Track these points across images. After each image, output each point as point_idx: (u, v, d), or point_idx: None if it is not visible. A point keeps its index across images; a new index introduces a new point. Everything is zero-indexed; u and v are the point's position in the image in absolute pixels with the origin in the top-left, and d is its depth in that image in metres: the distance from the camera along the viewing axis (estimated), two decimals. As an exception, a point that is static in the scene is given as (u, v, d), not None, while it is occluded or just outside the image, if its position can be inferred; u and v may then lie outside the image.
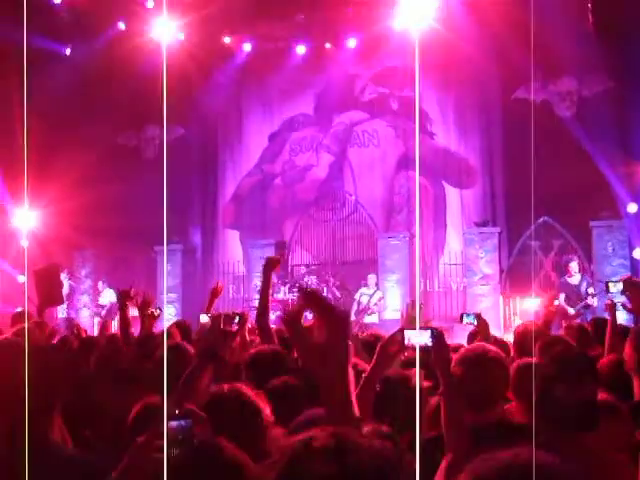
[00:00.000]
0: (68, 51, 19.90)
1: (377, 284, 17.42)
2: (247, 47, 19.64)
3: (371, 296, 16.99)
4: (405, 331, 3.49)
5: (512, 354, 5.94)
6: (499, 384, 4.00)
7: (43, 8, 18.14)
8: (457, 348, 5.13)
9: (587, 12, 15.42)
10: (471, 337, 6.76)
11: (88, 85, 18.71)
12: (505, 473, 1.60)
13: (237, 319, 7.41)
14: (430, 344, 3.67)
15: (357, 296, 17.11)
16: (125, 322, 7.00)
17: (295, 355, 5.34)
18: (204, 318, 7.85)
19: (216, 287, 7.51)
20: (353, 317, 16.38)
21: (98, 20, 18.89)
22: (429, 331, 3.77)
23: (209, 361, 4.07)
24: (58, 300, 13.08)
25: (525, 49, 16.03)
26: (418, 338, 3.48)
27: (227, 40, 18.84)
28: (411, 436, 3.79)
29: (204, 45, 18.59)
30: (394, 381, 4.04)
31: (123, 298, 7.07)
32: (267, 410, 3.40)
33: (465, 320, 6.35)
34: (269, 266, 6.40)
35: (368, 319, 16.65)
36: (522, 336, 6.46)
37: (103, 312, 18.20)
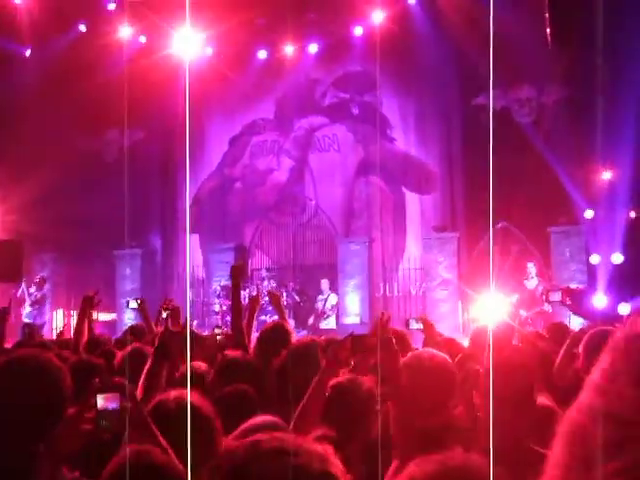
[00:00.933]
0: (28, 52, 19.72)
1: (330, 288, 17.45)
2: (208, 50, 19.59)
3: (325, 300, 17.02)
4: None
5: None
6: (444, 389, 4.05)
7: (3, 9, 18.01)
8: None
9: (545, 21, 15.57)
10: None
11: (48, 87, 18.56)
12: (437, 475, 1.64)
13: (165, 314, 7.44)
14: None
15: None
16: (81, 328, 6.80)
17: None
18: (133, 304, 7.87)
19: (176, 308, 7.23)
20: (310, 321, 16.41)
21: (59, 22, 18.76)
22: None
23: (163, 359, 4.09)
24: (16, 277, 12.85)
25: (485, 56, 16.21)
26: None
27: (188, 44, 18.73)
28: (361, 440, 3.84)
29: (165, 48, 18.52)
30: (344, 386, 4.07)
31: (87, 304, 6.91)
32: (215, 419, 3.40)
33: (413, 326, 6.34)
34: (236, 273, 6.44)
35: (325, 324, 16.67)
36: (475, 341, 6.54)
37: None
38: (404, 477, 1.69)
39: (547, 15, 15.56)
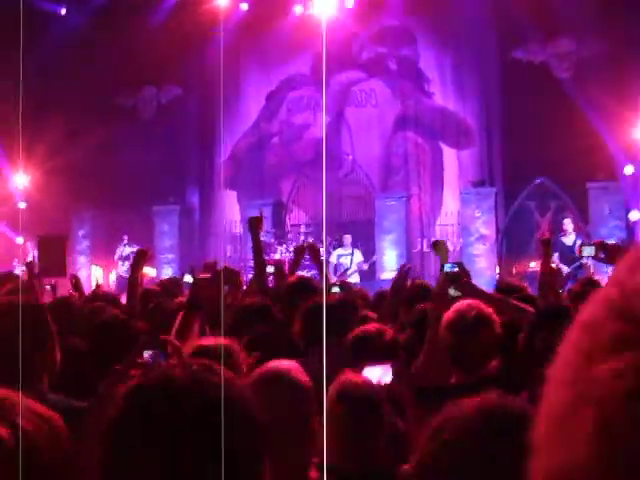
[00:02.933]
0: (63, 11, 19.74)
1: (352, 243, 17.41)
2: (244, 6, 19.48)
3: (352, 255, 16.99)
4: None
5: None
6: (489, 345, 4.07)
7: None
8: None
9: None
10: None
11: (83, 45, 18.60)
12: (473, 415, 1.64)
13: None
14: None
15: (333, 258, 17.01)
16: (136, 280, 6.74)
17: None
18: (188, 278, 7.91)
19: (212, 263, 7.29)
20: (334, 278, 16.36)
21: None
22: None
23: (195, 311, 4.11)
24: (60, 271, 13.02)
25: (523, 9, 16.00)
26: None
27: (224, -1, 18.69)
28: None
29: (201, 4, 18.44)
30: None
31: (141, 257, 6.79)
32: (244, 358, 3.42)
33: (447, 269, 6.30)
34: (253, 226, 6.46)
35: (352, 279, 16.61)
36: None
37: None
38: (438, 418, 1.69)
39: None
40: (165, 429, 1.45)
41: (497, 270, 17.04)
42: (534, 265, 14.56)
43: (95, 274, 19.03)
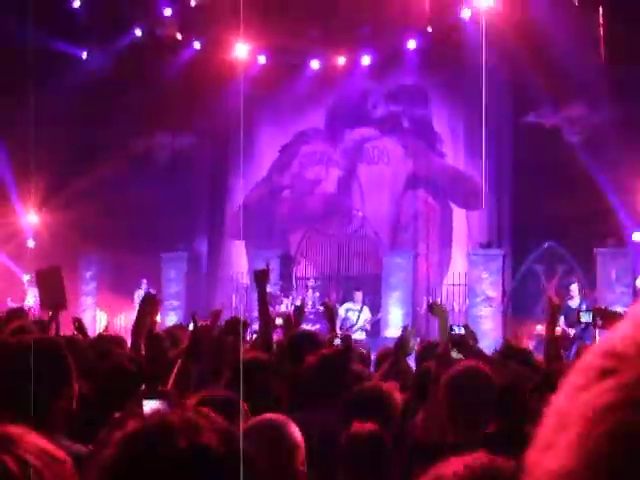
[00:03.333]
0: (85, 55, 20.03)
1: (363, 301, 17.36)
2: (262, 59, 19.75)
3: (360, 312, 16.94)
4: None
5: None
6: (485, 405, 4.06)
7: (61, 12, 18.32)
8: None
9: (599, 39, 15.46)
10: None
11: (102, 89, 18.84)
12: (461, 473, 1.65)
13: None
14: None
15: (342, 311, 16.96)
16: (142, 326, 6.58)
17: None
18: (192, 326, 7.82)
19: (217, 311, 7.16)
20: (340, 331, 16.27)
21: (115, 25, 19.05)
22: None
23: (192, 358, 4.10)
24: (60, 303, 13.00)
25: (537, 73, 16.16)
26: None
27: (242, 51, 18.93)
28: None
29: (219, 55, 18.71)
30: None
31: (148, 302, 6.62)
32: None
33: (455, 330, 6.31)
34: (258, 278, 6.40)
35: (356, 335, 16.53)
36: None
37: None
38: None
39: (601, 31, 15.43)
40: (155, 475, 1.49)
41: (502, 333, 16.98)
42: (540, 328, 14.51)
43: (99, 317, 19.04)
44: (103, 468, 1.54)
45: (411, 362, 6.77)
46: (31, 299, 17.55)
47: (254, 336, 8.37)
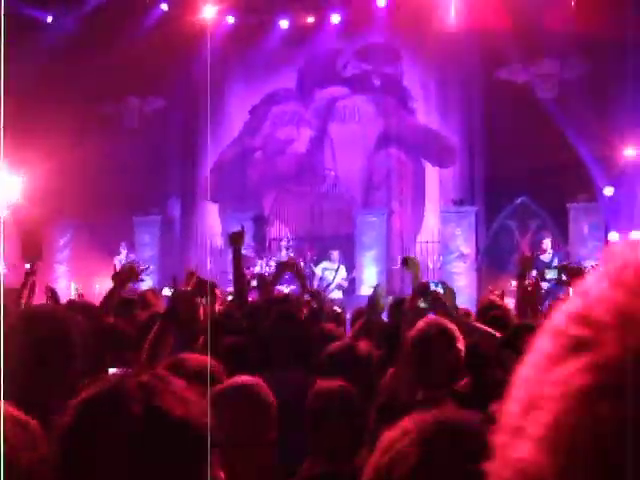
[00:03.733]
0: (50, 19, 19.74)
1: (340, 260, 17.42)
2: (230, 19, 19.56)
3: (336, 271, 16.99)
4: None
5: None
6: (453, 362, 4.08)
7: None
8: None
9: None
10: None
11: (70, 53, 18.60)
12: (428, 427, 1.65)
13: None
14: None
15: (318, 270, 17.02)
16: (116, 294, 6.49)
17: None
18: (166, 291, 7.82)
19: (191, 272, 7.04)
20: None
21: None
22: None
23: (171, 322, 4.06)
24: (38, 255, 13.04)
25: (507, 30, 16.13)
26: None
27: (210, 11, 18.74)
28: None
29: (187, 16, 18.51)
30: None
31: (130, 275, 6.49)
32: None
33: (432, 287, 6.30)
34: (234, 241, 6.41)
35: (333, 294, 16.60)
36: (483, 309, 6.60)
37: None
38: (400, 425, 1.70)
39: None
40: (110, 441, 1.52)
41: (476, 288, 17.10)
42: (515, 284, 14.61)
43: (73, 286, 18.92)
44: (59, 436, 1.56)
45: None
46: None
47: (229, 297, 8.38)
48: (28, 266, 8.53)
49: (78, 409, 1.58)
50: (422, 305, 5.47)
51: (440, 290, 6.18)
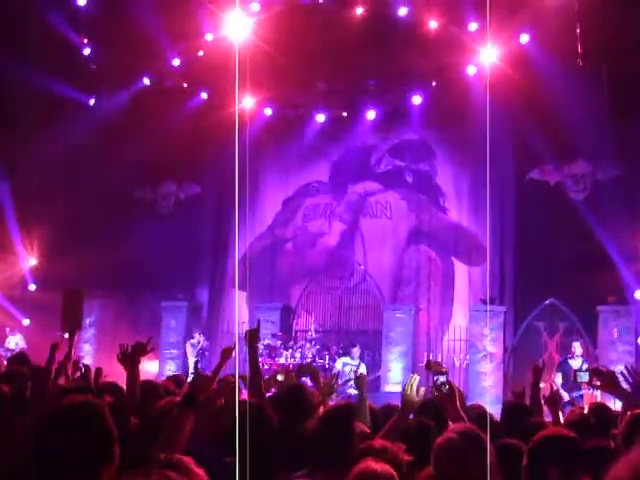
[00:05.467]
0: (92, 101, 20.18)
1: (360, 356, 17.22)
2: (268, 111, 19.90)
3: (357, 367, 16.76)
4: None
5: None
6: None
7: (73, 59, 18.50)
8: None
9: (604, 97, 15.57)
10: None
11: (109, 137, 18.96)
12: None
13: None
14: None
15: (339, 365, 16.74)
16: (134, 376, 6.50)
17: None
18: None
19: (229, 348, 6.68)
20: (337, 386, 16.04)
21: (124, 73, 19.22)
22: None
23: (190, 408, 3.98)
24: (78, 324, 13.15)
25: (541, 130, 16.27)
26: None
27: (249, 102, 19.09)
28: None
29: (226, 105, 18.85)
30: None
31: (138, 351, 6.44)
32: None
33: (438, 380, 6.08)
34: (250, 339, 6.30)
35: (350, 391, 16.32)
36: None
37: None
38: None
39: (606, 91, 15.56)
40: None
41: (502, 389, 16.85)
42: (542, 386, 14.37)
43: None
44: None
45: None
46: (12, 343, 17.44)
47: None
48: (67, 335, 8.55)
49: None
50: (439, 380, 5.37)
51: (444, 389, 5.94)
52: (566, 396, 13.72)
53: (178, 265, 19.60)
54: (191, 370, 11.63)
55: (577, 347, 15.37)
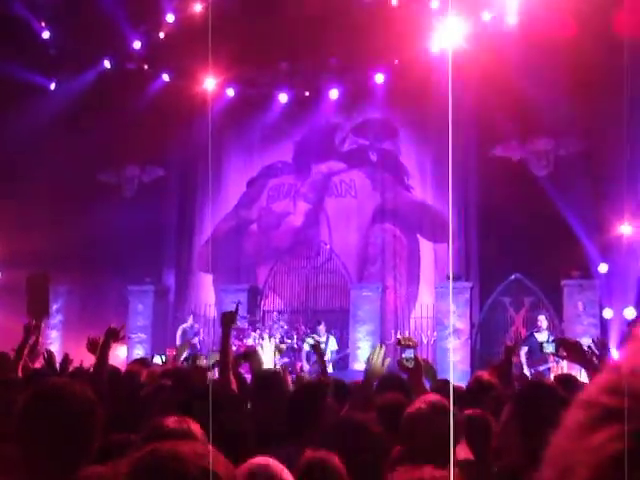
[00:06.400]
0: (53, 86, 19.99)
1: (327, 331, 17.32)
2: (230, 92, 19.82)
3: (326, 344, 16.82)
4: None
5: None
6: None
7: (31, 43, 18.32)
8: None
9: (564, 73, 15.66)
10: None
11: (71, 120, 18.80)
12: None
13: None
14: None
15: (306, 345, 16.74)
16: (104, 361, 6.50)
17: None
18: (157, 359, 7.77)
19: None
20: (306, 366, 16.15)
21: (84, 57, 19.07)
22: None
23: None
24: (45, 311, 13.02)
25: (504, 107, 16.35)
26: None
27: (211, 83, 19.00)
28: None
29: (187, 87, 18.78)
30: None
31: (111, 336, 6.42)
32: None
33: (404, 355, 6.13)
34: (226, 321, 6.26)
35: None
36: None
37: None
38: None
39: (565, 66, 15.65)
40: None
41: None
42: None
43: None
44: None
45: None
46: None
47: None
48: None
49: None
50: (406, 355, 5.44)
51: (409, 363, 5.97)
52: (528, 373, 13.88)
53: (144, 249, 19.51)
54: (183, 357, 11.55)
55: (543, 321, 15.57)
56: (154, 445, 1.70)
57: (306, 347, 16.87)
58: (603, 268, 16.04)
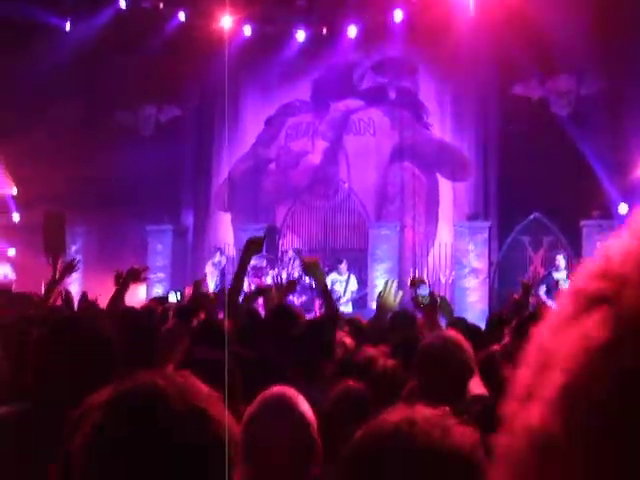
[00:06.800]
0: (68, 26, 19.82)
1: (348, 269, 17.35)
2: (247, 30, 19.60)
3: (347, 282, 16.88)
4: None
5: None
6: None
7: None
8: None
9: (587, 11, 15.37)
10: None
11: (86, 61, 18.67)
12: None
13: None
14: None
15: (328, 283, 16.75)
16: (121, 299, 6.53)
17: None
18: (172, 297, 7.82)
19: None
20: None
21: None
22: None
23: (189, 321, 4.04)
24: (62, 248, 13.21)
25: (524, 45, 16.12)
26: None
27: (227, 21, 18.79)
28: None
29: (204, 26, 18.58)
30: None
31: (131, 277, 6.49)
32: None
33: (419, 292, 6.15)
34: (251, 247, 6.06)
35: (343, 308, 16.42)
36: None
37: None
38: None
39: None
40: (144, 434, 1.49)
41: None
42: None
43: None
44: (91, 432, 1.51)
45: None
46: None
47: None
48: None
49: (112, 405, 1.54)
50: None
51: (424, 300, 6.03)
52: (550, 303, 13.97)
53: (162, 189, 19.50)
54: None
55: (561, 260, 15.56)
56: (138, 378, 1.61)
57: (338, 286, 16.93)
58: (623, 209, 15.92)
